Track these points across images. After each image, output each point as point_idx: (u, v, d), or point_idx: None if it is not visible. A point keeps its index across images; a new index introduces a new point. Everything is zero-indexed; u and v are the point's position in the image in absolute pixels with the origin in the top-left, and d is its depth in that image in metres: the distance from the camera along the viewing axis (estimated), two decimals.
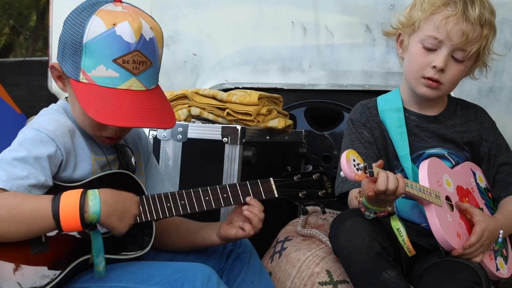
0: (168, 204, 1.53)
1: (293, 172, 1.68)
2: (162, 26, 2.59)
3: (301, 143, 2.41)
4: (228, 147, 1.93)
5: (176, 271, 1.46)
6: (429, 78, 1.74)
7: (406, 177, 1.77)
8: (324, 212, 1.86)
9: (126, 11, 1.45)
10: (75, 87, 1.44)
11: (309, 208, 2.10)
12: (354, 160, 1.52)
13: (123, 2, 1.47)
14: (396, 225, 1.69)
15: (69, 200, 1.34)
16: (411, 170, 1.79)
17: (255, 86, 2.49)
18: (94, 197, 1.36)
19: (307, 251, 1.86)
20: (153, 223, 1.53)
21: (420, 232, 1.79)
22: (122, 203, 1.41)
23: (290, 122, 2.18)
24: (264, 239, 2.04)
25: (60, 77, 1.50)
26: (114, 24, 1.42)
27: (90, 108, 1.40)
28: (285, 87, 2.50)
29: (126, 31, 1.42)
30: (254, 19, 2.53)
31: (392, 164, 1.83)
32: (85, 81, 1.43)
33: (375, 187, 1.56)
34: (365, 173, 1.54)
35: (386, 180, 1.56)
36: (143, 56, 1.45)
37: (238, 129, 1.94)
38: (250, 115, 2.05)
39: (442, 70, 1.72)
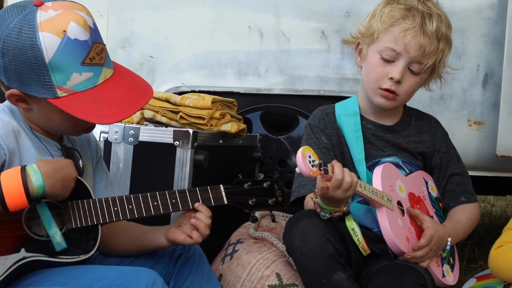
0: (116, 208, 1.52)
1: (243, 180, 1.70)
2: (118, 27, 2.61)
3: (255, 147, 2.42)
4: (180, 151, 1.93)
5: (120, 275, 1.45)
6: (386, 89, 1.78)
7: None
8: (273, 221, 1.88)
9: (60, 11, 1.44)
10: (57, 104, 1.43)
11: (259, 213, 2.11)
12: (309, 157, 1.54)
13: (44, 1, 1.45)
14: (351, 225, 1.72)
15: (11, 179, 1.35)
16: (365, 174, 1.83)
17: (212, 89, 2.50)
18: (35, 172, 1.37)
19: (258, 254, 1.88)
20: (99, 226, 1.53)
21: (372, 237, 1.82)
22: (61, 170, 1.42)
23: (243, 126, 2.19)
24: (218, 241, 2.05)
25: (21, 99, 1.48)
26: (64, 31, 1.42)
27: (89, 115, 1.42)
28: (241, 91, 2.51)
29: (78, 32, 1.43)
30: (211, 23, 2.54)
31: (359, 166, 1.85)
32: (65, 94, 1.44)
33: (330, 182, 1.58)
34: (320, 170, 1.56)
35: (342, 171, 1.60)
36: (100, 44, 1.48)
37: (190, 133, 1.94)
38: (203, 118, 2.06)
39: (398, 82, 1.76)
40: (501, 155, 2.36)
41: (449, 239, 1.80)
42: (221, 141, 2.14)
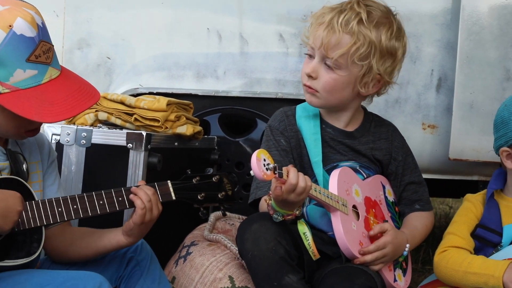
0: (60, 209, 1.51)
1: (192, 175, 1.70)
2: (75, 28, 2.58)
3: (213, 149, 2.42)
4: (133, 153, 1.93)
5: (66, 280, 1.44)
6: (305, 85, 1.83)
7: (317, 183, 1.82)
8: (224, 215, 1.89)
9: (8, 7, 1.43)
10: None
11: (218, 213, 2.11)
12: (264, 160, 1.55)
13: None
14: (303, 229, 1.73)
15: None
16: (322, 177, 1.84)
17: (170, 91, 2.49)
18: None
19: (211, 256, 1.88)
20: (43, 228, 1.51)
21: (326, 240, 1.85)
22: (4, 201, 1.39)
23: (199, 128, 2.19)
24: (173, 244, 2.05)
25: None
26: (10, 26, 1.40)
27: (31, 112, 1.40)
28: (200, 93, 2.51)
29: (24, 28, 1.42)
30: (170, 24, 2.53)
31: (307, 173, 1.86)
32: (7, 91, 1.42)
33: (284, 186, 1.59)
34: (274, 173, 1.57)
35: (297, 175, 1.61)
36: (47, 43, 1.47)
37: (143, 135, 1.93)
38: (158, 121, 2.05)
39: (311, 77, 1.80)
40: (454, 158, 2.41)
41: (407, 245, 1.83)
42: (176, 144, 2.14)
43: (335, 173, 1.79)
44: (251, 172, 1.55)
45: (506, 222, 1.82)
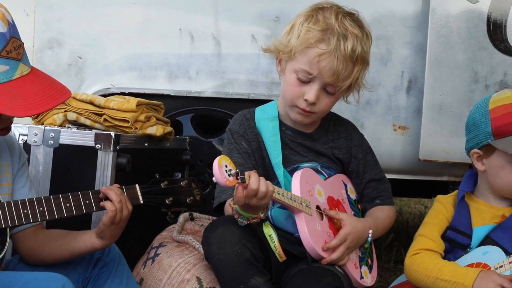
0: (25, 211, 1.50)
1: (160, 179, 1.71)
2: (46, 27, 2.56)
3: (185, 150, 2.42)
4: (101, 154, 1.91)
5: (29, 281, 1.43)
6: (302, 109, 1.80)
7: (279, 185, 1.82)
8: (192, 219, 1.89)
9: None
10: None
11: (187, 214, 2.11)
12: (226, 166, 1.56)
13: None
14: (268, 231, 1.74)
15: None
16: (283, 178, 1.85)
17: (142, 92, 2.48)
18: None
19: (180, 257, 1.88)
20: (8, 230, 1.50)
21: (292, 241, 1.86)
22: None
23: (169, 129, 2.19)
24: (142, 245, 2.04)
25: None
26: None
27: (3, 107, 1.40)
28: (172, 94, 2.51)
29: None
30: (142, 24, 2.52)
31: (268, 175, 1.88)
32: None
33: (245, 191, 1.60)
34: (237, 179, 1.57)
35: (258, 180, 1.61)
36: (18, 40, 1.48)
37: (111, 136, 1.92)
38: (128, 121, 2.04)
39: (313, 103, 1.79)
40: (424, 159, 2.44)
41: (370, 231, 1.84)
42: (146, 144, 2.13)
43: (297, 175, 1.80)
44: (214, 178, 1.56)
45: (475, 224, 1.84)
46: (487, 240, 1.81)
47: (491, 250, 1.77)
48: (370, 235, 1.84)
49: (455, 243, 1.84)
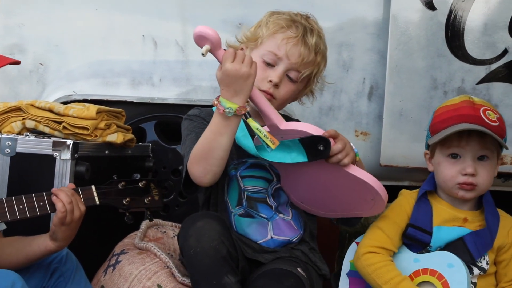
0: None
1: (118, 180, 1.71)
2: (6, 33, 2.54)
3: (147, 157, 2.41)
4: (59, 162, 1.90)
5: None
6: (264, 91, 1.84)
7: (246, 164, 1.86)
8: (151, 220, 1.89)
9: None
10: None
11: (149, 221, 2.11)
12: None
13: None
14: (255, 125, 1.72)
15: None
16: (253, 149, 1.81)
17: (105, 98, 2.47)
18: None
19: (141, 265, 1.88)
20: None
21: (256, 249, 1.88)
22: None
23: (130, 136, 2.18)
24: (104, 252, 2.03)
25: None
26: None
27: None
28: (135, 100, 2.50)
29: None
30: (105, 31, 2.51)
31: (231, 159, 1.87)
32: None
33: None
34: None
35: (233, 54, 1.67)
36: None
37: (69, 144, 1.91)
38: (87, 129, 2.03)
39: (276, 85, 1.84)
40: (385, 165, 2.47)
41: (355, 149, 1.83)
42: (107, 152, 2.12)
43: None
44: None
45: (436, 223, 1.88)
46: (459, 242, 1.85)
47: (457, 268, 1.79)
48: (354, 147, 1.82)
49: (416, 240, 1.87)
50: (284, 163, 1.74)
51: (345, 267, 1.94)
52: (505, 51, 2.37)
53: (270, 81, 1.84)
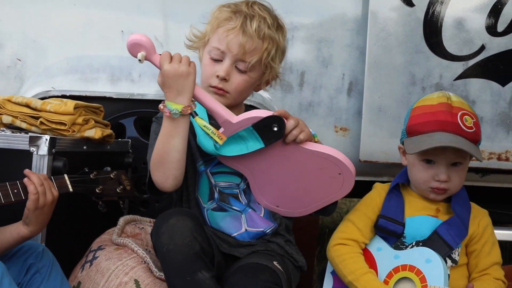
0: None
1: (90, 171, 1.76)
2: None
3: (127, 152, 2.40)
4: (36, 157, 1.89)
5: None
6: (215, 86, 1.84)
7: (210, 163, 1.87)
8: (123, 209, 1.90)
9: None
10: None
11: (128, 216, 2.11)
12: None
13: None
14: (202, 122, 1.75)
15: None
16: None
17: (83, 94, 2.45)
18: None
19: (118, 260, 1.88)
20: None
21: (232, 243, 1.88)
22: None
23: (109, 132, 2.17)
24: (82, 249, 2.02)
25: None
26: None
27: None
28: (114, 96, 2.49)
29: None
30: (83, 26, 2.49)
31: (193, 157, 1.89)
32: None
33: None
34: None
35: (169, 55, 1.71)
36: None
37: (46, 139, 1.90)
38: (65, 124, 2.02)
39: (225, 80, 1.84)
40: (364, 160, 2.49)
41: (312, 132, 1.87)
42: (85, 147, 2.11)
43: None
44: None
45: (408, 215, 1.90)
46: (433, 236, 1.87)
47: (435, 263, 1.81)
48: (313, 133, 1.86)
49: (388, 231, 1.89)
50: (249, 164, 1.77)
51: (330, 266, 1.95)
52: (482, 47, 2.40)
53: (218, 76, 1.84)
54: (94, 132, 2.09)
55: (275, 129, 1.73)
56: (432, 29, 2.40)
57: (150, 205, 2.55)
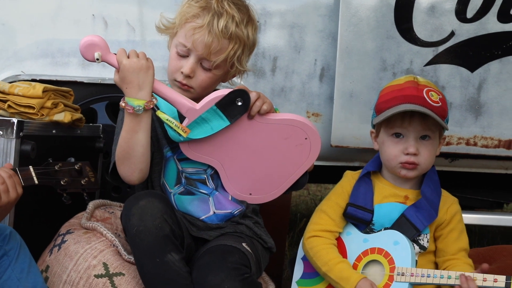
0: None
1: (54, 162, 1.74)
2: None
3: (98, 137, 2.39)
4: (3, 141, 1.87)
5: None
6: (179, 82, 1.85)
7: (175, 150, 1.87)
8: (87, 202, 1.91)
9: None
10: None
11: (97, 201, 2.10)
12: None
13: None
14: (165, 116, 1.77)
15: None
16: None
17: (54, 78, 2.43)
18: None
19: (86, 244, 1.87)
20: None
21: (200, 226, 1.89)
22: None
23: (78, 116, 2.16)
24: (52, 234, 2.01)
25: None
26: None
27: None
28: (85, 81, 2.47)
29: None
30: (54, 10, 2.46)
31: (160, 144, 1.89)
32: None
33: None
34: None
35: (125, 52, 1.73)
36: None
37: (14, 122, 1.88)
38: (33, 108, 2.00)
39: (189, 77, 1.84)
40: (335, 145, 2.50)
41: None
42: (54, 131, 2.09)
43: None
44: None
45: (377, 202, 1.92)
46: (401, 219, 1.89)
47: (402, 245, 1.84)
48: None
49: (357, 219, 1.91)
50: (217, 153, 1.79)
51: (300, 251, 1.98)
52: (452, 34, 2.43)
53: (182, 72, 1.83)
54: (64, 116, 2.07)
55: (239, 103, 1.75)
56: (403, 15, 2.42)
57: (122, 191, 2.54)
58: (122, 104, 1.73)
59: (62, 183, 1.71)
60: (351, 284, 1.81)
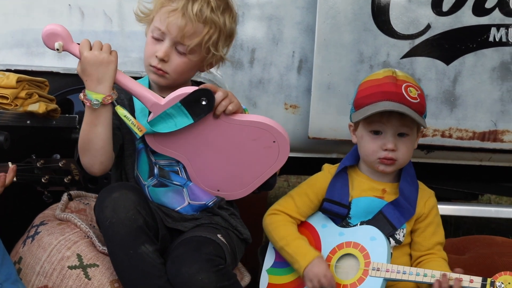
0: None
1: (37, 159, 1.69)
2: None
3: (74, 128, 2.36)
4: None
5: None
6: (153, 66, 1.84)
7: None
8: (70, 199, 1.87)
9: None
10: None
11: (72, 192, 2.08)
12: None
13: None
14: (123, 112, 1.76)
15: None
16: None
17: (30, 69, 2.41)
18: None
19: (60, 235, 1.86)
20: None
21: (176, 217, 1.89)
22: None
23: (53, 106, 2.13)
24: (25, 225, 2.00)
25: None
26: None
27: None
28: (62, 71, 2.45)
29: None
30: None
31: (132, 139, 1.88)
32: None
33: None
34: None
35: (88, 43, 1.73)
36: None
37: None
38: (7, 98, 1.98)
39: (164, 61, 1.82)
40: (313, 137, 2.51)
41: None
42: (28, 122, 2.07)
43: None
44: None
45: (354, 196, 1.93)
46: (378, 216, 1.90)
47: (379, 241, 1.85)
48: (244, 107, 1.87)
49: (333, 213, 1.92)
50: (183, 148, 1.78)
51: None
52: (428, 27, 2.45)
53: (157, 56, 1.83)
54: (38, 107, 2.05)
55: (204, 102, 1.74)
56: (380, 8, 2.43)
57: (98, 182, 2.53)
58: (81, 96, 1.73)
59: (43, 180, 1.67)
60: (307, 260, 1.82)
